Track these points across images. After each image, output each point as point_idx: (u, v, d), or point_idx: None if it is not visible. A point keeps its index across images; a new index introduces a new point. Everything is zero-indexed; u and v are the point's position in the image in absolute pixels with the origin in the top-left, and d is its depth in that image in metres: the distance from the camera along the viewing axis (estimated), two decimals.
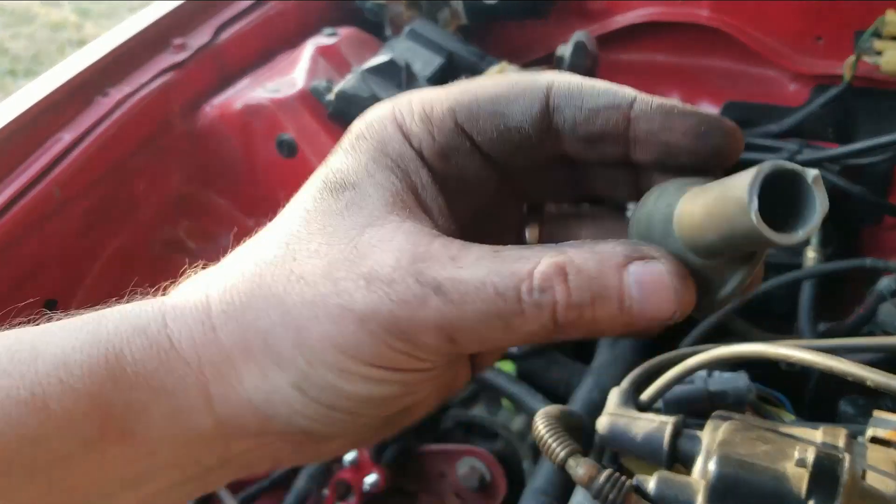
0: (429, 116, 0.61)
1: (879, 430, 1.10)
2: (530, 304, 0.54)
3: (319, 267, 0.59)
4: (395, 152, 0.61)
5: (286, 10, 2.40)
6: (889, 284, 1.88)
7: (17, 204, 1.71)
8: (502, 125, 0.60)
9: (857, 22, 2.23)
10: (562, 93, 0.60)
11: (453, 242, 0.58)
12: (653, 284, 0.54)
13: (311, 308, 0.58)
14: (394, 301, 0.56)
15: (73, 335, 0.62)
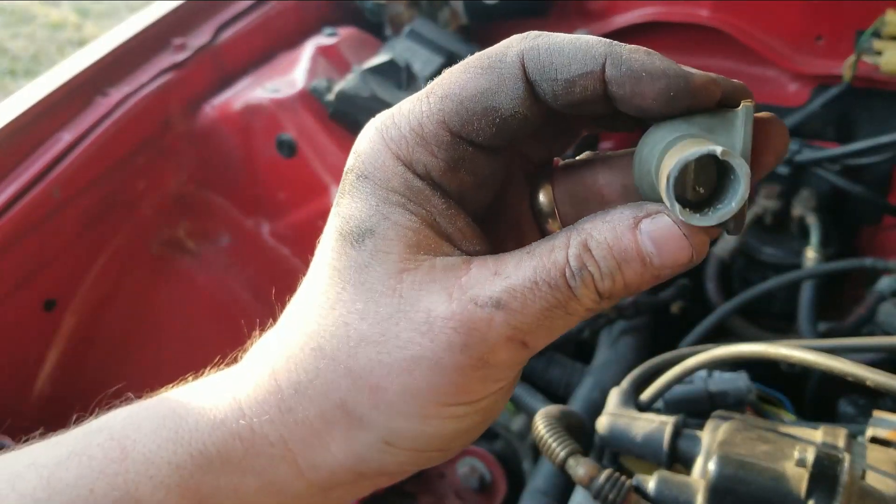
0: (423, 137, 0.61)
1: (879, 429, 1.10)
2: (578, 286, 0.58)
3: (375, 325, 0.60)
4: (403, 187, 0.61)
5: (286, 10, 2.40)
6: (889, 284, 1.89)
7: (17, 204, 1.71)
8: (498, 118, 0.60)
9: (857, 22, 2.23)
10: (535, 67, 0.59)
11: (486, 260, 0.60)
12: (664, 236, 0.57)
13: (380, 367, 0.59)
14: (461, 333, 0.58)
15: (157, 434, 0.64)
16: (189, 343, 1.99)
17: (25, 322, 1.79)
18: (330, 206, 1.89)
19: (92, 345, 1.88)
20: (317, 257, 0.66)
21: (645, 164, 0.59)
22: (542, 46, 0.59)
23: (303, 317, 0.64)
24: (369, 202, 0.61)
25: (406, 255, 0.60)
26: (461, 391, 0.60)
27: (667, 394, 1.30)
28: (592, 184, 0.67)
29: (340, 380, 0.61)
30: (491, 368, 0.59)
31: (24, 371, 1.78)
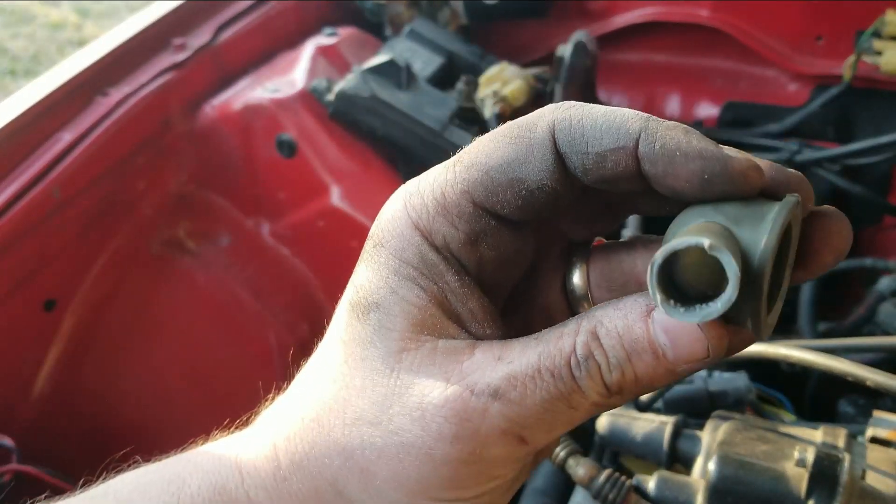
0: (444, 206, 0.58)
1: (879, 429, 1.10)
2: (583, 377, 0.54)
3: (370, 405, 0.58)
4: (417, 259, 0.59)
5: (286, 10, 2.40)
6: (889, 284, 1.89)
7: (17, 204, 1.71)
8: (524, 191, 0.57)
9: (857, 22, 2.23)
10: (565, 138, 0.56)
11: (492, 344, 0.57)
12: (677, 327, 0.53)
13: (371, 450, 0.58)
14: (453, 424, 0.55)
15: (160, 499, 0.63)
16: (189, 342, 1.99)
17: (25, 322, 1.79)
18: (330, 206, 1.87)
19: (92, 344, 1.88)
20: (331, 325, 0.64)
21: None
22: (575, 117, 0.56)
23: (308, 387, 0.63)
24: (381, 273, 0.60)
25: (408, 334, 0.58)
26: (452, 485, 0.57)
27: (667, 394, 1.30)
28: (631, 268, 0.64)
29: (334, 457, 0.59)
30: (485, 464, 0.57)
31: (23, 371, 1.78)
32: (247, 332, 2.01)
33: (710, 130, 2.37)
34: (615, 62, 2.61)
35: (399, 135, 1.95)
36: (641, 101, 2.61)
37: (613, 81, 2.64)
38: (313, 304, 2.09)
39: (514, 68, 2.25)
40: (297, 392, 0.64)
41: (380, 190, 1.99)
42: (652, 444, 1.15)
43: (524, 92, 2.17)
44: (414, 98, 2.00)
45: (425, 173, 0.60)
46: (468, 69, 2.36)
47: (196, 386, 1.94)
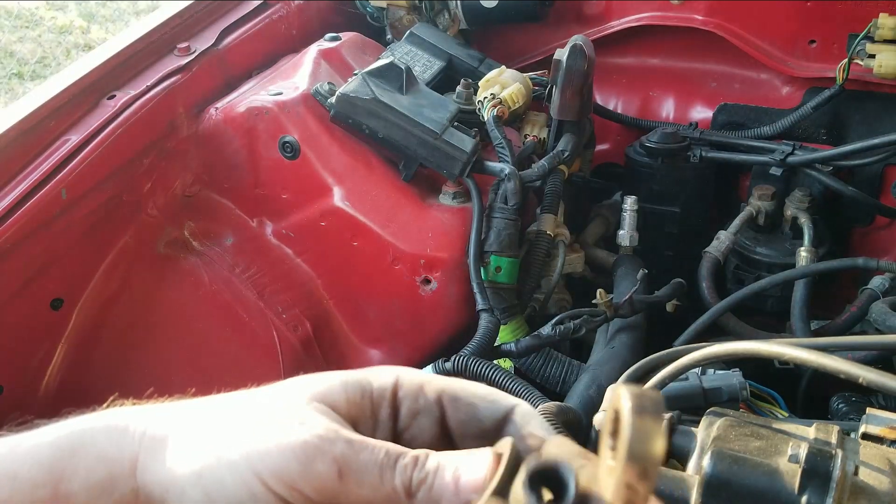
0: (422, 387, 0.75)
1: (872, 426, 1.12)
2: (402, 464, 0.68)
3: (267, 400, 0.73)
4: (378, 388, 0.75)
5: (289, 15, 2.42)
6: (881, 283, 1.91)
7: (25, 205, 1.72)
8: (472, 413, 0.74)
9: (850, 25, 2.25)
10: (520, 413, 0.74)
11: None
12: (474, 461, 0.68)
13: (240, 408, 0.73)
14: (311, 432, 0.68)
15: (50, 429, 0.76)
16: (194, 340, 2.00)
17: (33, 321, 1.80)
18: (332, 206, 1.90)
19: (98, 343, 1.89)
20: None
21: None
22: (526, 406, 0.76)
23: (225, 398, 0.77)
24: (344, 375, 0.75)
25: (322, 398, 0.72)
26: (276, 477, 0.68)
27: (663, 390, 1.32)
28: None
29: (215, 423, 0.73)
30: (306, 472, 0.68)
31: (31, 369, 1.79)
32: (250, 330, 2.03)
33: (704, 132, 2.39)
34: (611, 65, 2.63)
35: (399, 137, 1.97)
36: (636, 104, 2.63)
37: (610, 84, 2.66)
38: (316, 303, 2.10)
39: (512, 72, 2.27)
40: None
41: (381, 191, 2.01)
42: None
43: (522, 95, 2.20)
44: (414, 101, 2.02)
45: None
46: (468, 73, 2.38)
47: (200, 383, 1.93)
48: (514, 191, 1.94)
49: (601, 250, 2.26)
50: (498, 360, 1.86)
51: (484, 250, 1.93)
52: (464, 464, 0.68)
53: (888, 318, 1.76)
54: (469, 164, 1.99)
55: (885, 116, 2.30)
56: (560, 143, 2.12)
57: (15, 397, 1.75)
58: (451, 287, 1.97)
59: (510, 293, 1.95)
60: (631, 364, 1.36)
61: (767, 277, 1.97)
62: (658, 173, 2.29)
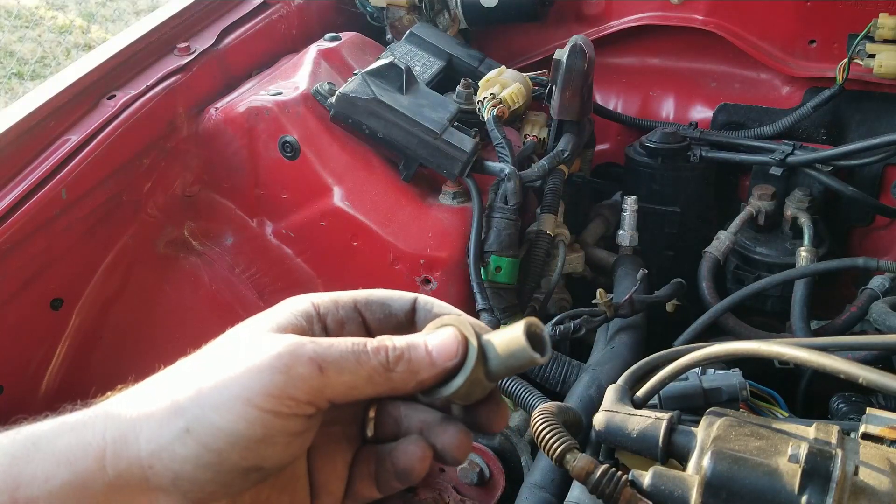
0: (336, 301, 0.85)
1: (871, 426, 1.12)
2: (372, 347, 0.78)
3: (228, 349, 0.77)
4: (305, 313, 0.83)
5: (289, 15, 2.43)
6: (881, 283, 1.91)
7: (25, 204, 1.73)
8: (387, 311, 0.86)
9: (850, 25, 2.25)
10: (422, 300, 0.88)
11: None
12: (442, 335, 0.80)
13: (213, 367, 0.75)
14: (281, 345, 0.75)
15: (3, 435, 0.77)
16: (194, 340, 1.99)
17: (33, 321, 1.80)
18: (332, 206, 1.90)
19: (98, 343, 1.89)
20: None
21: None
22: (429, 300, 0.89)
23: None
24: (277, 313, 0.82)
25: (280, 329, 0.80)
26: (266, 391, 0.73)
27: (662, 390, 1.32)
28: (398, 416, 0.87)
29: (179, 375, 0.77)
30: (290, 377, 0.73)
31: (31, 369, 1.80)
32: None
33: (704, 132, 2.39)
34: (611, 65, 2.63)
35: (399, 137, 1.97)
36: (636, 104, 2.63)
37: (610, 84, 2.66)
38: None
39: (512, 72, 2.27)
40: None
41: (381, 190, 2.01)
42: (647, 440, 1.17)
43: (522, 95, 2.20)
44: (414, 101, 2.02)
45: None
46: (467, 72, 2.38)
47: None
48: (514, 191, 1.94)
49: (601, 250, 2.26)
50: None
51: (484, 250, 1.93)
52: (432, 338, 0.80)
53: (888, 318, 1.76)
54: (469, 164, 1.99)
55: (885, 116, 2.30)
56: (560, 143, 2.12)
57: (15, 397, 1.75)
58: (450, 287, 1.97)
59: (510, 293, 1.95)
60: (631, 364, 1.37)
61: (767, 277, 1.97)
62: (658, 173, 2.29)
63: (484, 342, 0.80)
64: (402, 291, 0.89)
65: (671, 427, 1.15)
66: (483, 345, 0.80)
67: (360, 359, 0.77)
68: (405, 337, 0.80)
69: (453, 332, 0.80)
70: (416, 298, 0.88)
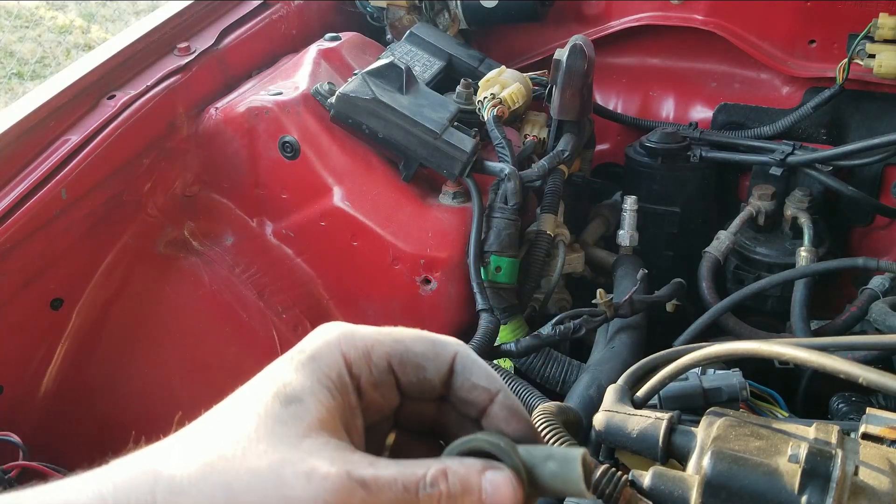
0: (370, 356, 0.79)
1: (872, 426, 1.11)
2: (424, 495, 0.73)
3: (267, 464, 0.71)
4: (337, 377, 0.77)
5: (289, 15, 2.43)
6: (881, 283, 1.91)
7: (25, 204, 1.73)
8: (421, 376, 0.81)
9: (850, 25, 2.25)
10: (460, 363, 0.82)
11: (366, 455, 0.75)
12: (499, 485, 0.75)
13: (255, 493, 0.71)
14: (330, 491, 0.70)
15: None
16: (194, 340, 2.01)
17: (33, 321, 1.80)
18: (332, 206, 1.90)
19: (98, 343, 1.89)
20: (241, 403, 0.77)
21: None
22: (471, 356, 0.83)
23: (206, 438, 0.75)
24: (308, 378, 0.76)
25: (314, 427, 0.74)
26: None
27: (662, 390, 1.32)
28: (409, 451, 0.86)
29: (217, 493, 0.71)
30: None
31: (31, 369, 1.80)
32: (250, 330, 2.03)
33: (704, 132, 2.39)
34: (611, 65, 2.63)
35: (399, 137, 1.97)
36: (636, 104, 2.63)
37: (609, 84, 2.66)
38: (315, 303, 2.10)
39: (512, 72, 2.27)
40: (198, 435, 0.76)
41: (381, 191, 2.01)
42: (647, 440, 1.16)
43: (522, 95, 2.20)
44: (414, 101, 2.02)
45: (363, 326, 0.82)
46: (467, 72, 2.38)
47: (201, 383, 1.95)
48: (514, 191, 1.95)
49: (601, 250, 2.26)
50: (498, 360, 1.86)
51: (484, 250, 1.93)
52: (489, 483, 0.75)
53: (888, 318, 1.76)
54: (469, 164, 1.99)
55: (885, 116, 2.30)
56: (560, 143, 2.12)
57: (15, 397, 1.75)
58: (450, 287, 1.97)
59: (510, 293, 1.95)
60: (631, 364, 1.36)
61: (767, 277, 1.97)
62: (658, 173, 2.29)
63: (533, 466, 0.78)
64: (440, 341, 0.83)
65: (671, 427, 1.15)
66: (532, 473, 0.78)
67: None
68: (460, 471, 0.75)
69: (511, 481, 0.76)
70: (455, 359, 0.83)
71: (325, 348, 0.79)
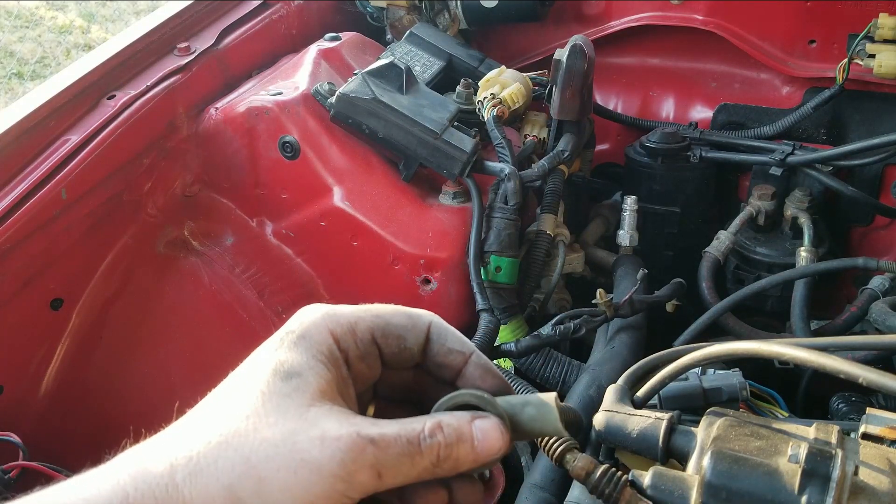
0: (354, 331, 0.86)
1: (872, 426, 1.11)
2: (425, 446, 0.80)
3: (279, 433, 0.76)
4: (328, 352, 0.83)
5: (289, 15, 2.43)
6: (881, 283, 1.91)
7: (25, 204, 1.73)
8: (402, 345, 0.88)
9: (850, 25, 2.25)
10: (435, 332, 0.90)
11: (367, 418, 0.81)
12: (488, 431, 0.84)
13: (273, 461, 0.75)
14: (344, 451, 0.76)
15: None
16: (194, 340, 2.01)
17: (33, 321, 1.80)
18: (332, 206, 1.90)
19: (98, 343, 1.89)
20: (243, 382, 0.82)
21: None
22: (444, 324, 0.91)
23: (218, 417, 0.79)
24: (302, 355, 0.82)
25: (316, 397, 0.79)
26: (326, 496, 0.76)
27: (662, 390, 1.32)
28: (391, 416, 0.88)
29: (236, 466, 0.75)
30: (350, 484, 0.76)
31: (31, 369, 1.80)
32: (250, 329, 2.03)
33: (704, 132, 2.39)
34: (611, 65, 2.63)
35: (399, 137, 1.97)
36: (636, 104, 2.63)
37: (610, 84, 2.67)
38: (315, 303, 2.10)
39: (512, 72, 2.27)
40: (201, 419, 0.80)
41: (381, 191, 2.01)
42: (647, 440, 1.16)
43: (522, 95, 2.20)
44: (414, 101, 2.02)
45: (344, 305, 0.88)
46: (468, 73, 2.38)
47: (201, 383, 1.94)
48: (514, 191, 1.94)
49: (601, 250, 2.26)
50: (498, 360, 1.86)
51: (484, 250, 1.93)
52: (479, 430, 0.83)
53: (888, 318, 1.76)
54: (469, 164, 1.99)
55: (885, 116, 2.30)
56: (560, 143, 2.12)
57: (15, 397, 1.75)
58: (450, 287, 1.97)
59: (510, 293, 1.95)
60: (631, 364, 1.36)
61: (767, 277, 1.97)
62: (658, 173, 2.29)
63: (513, 414, 0.87)
64: (415, 314, 0.90)
65: (671, 427, 1.15)
66: (513, 419, 0.87)
67: (415, 460, 0.80)
68: (453, 423, 0.83)
69: (498, 426, 0.85)
70: (430, 328, 0.90)
71: (313, 327, 0.84)
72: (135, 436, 0.81)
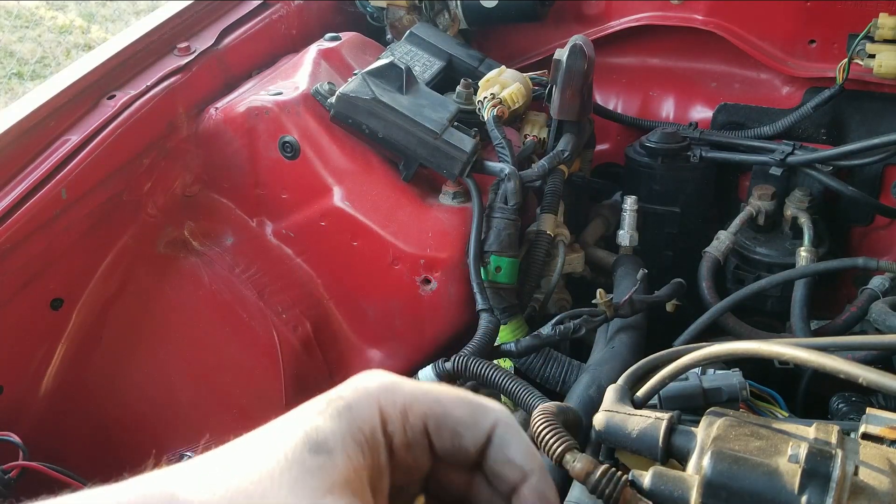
0: (406, 414, 0.75)
1: (872, 426, 1.11)
2: None
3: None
4: (370, 433, 0.73)
5: (289, 15, 2.43)
6: (880, 283, 1.91)
7: (25, 204, 1.73)
8: (457, 443, 0.76)
9: (850, 25, 2.25)
10: (499, 434, 0.77)
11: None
12: None
13: None
14: None
15: None
16: (194, 340, 2.01)
17: (33, 320, 1.81)
18: (332, 206, 1.90)
19: (98, 343, 1.89)
20: (270, 439, 0.74)
21: None
22: (512, 426, 0.78)
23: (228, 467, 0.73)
24: (341, 429, 0.72)
25: (338, 484, 0.70)
26: None
27: (662, 390, 1.32)
28: None
29: None
30: None
31: (31, 369, 1.80)
32: (250, 330, 2.03)
33: (704, 132, 2.39)
34: (611, 65, 2.63)
35: (399, 137, 1.97)
36: (636, 104, 2.63)
37: (610, 84, 2.67)
38: (316, 303, 2.10)
39: (512, 72, 2.27)
40: (222, 464, 0.74)
41: (381, 191, 2.01)
42: (647, 440, 1.16)
43: (522, 95, 2.20)
44: (414, 101, 2.02)
45: (405, 380, 0.77)
46: (468, 73, 2.38)
47: (200, 383, 1.96)
48: (514, 191, 1.94)
49: (601, 250, 2.26)
50: (498, 360, 1.86)
51: (484, 250, 1.93)
52: None
53: (888, 318, 1.76)
54: (469, 164, 1.99)
55: (886, 116, 2.30)
56: (560, 143, 2.12)
57: (15, 397, 1.75)
58: (450, 287, 1.97)
59: (510, 293, 1.95)
60: (631, 364, 1.36)
61: (767, 277, 1.97)
62: (658, 173, 2.29)
63: None
64: (480, 408, 0.79)
65: (671, 427, 1.15)
66: None
67: None
68: None
69: None
70: (494, 428, 0.78)
71: (364, 399, 0.75)
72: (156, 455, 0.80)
